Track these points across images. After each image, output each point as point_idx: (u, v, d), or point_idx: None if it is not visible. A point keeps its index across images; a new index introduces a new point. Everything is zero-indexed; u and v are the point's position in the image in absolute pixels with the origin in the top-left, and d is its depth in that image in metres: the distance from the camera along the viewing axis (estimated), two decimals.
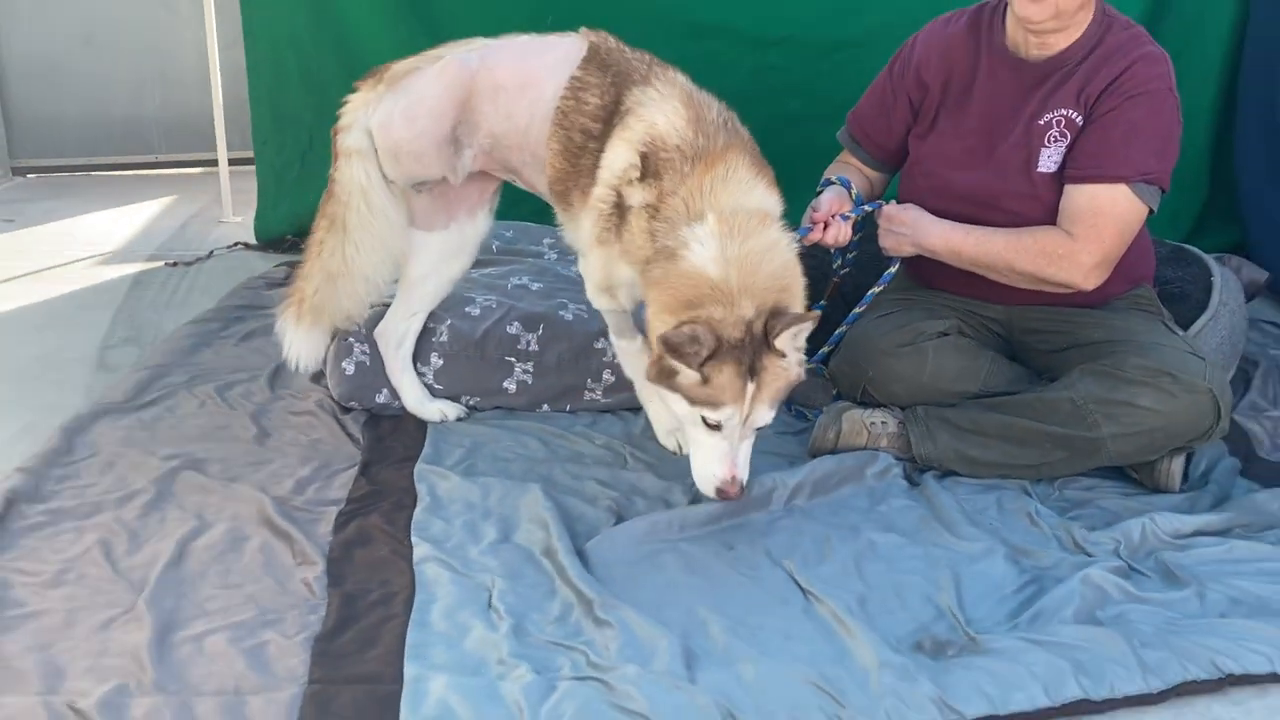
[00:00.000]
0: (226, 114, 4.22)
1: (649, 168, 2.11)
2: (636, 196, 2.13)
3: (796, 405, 2.68)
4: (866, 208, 2.45)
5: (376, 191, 2.36)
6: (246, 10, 3.77)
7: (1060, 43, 2.34)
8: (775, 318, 1.93)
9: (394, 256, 2.44)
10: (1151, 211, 2.31)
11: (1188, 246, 3.07)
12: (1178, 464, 2.28)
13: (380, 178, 2.36)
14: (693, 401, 1.97)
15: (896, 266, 2.48)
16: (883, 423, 2.40)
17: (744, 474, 2.00)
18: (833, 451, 2.38)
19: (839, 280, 2.63)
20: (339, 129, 2.39)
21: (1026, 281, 2.33)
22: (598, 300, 2.36)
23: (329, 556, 2.00)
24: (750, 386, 1.94)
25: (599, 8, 3.73)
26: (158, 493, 2.20)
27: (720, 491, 2.00)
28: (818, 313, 2.05)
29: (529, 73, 2.29)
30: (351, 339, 2.57)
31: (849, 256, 2.56)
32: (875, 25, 3.59)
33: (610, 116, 2.20)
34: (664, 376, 1.98)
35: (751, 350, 1.93)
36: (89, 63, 5.20)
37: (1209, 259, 2.94)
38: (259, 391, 2.69)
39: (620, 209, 2.16)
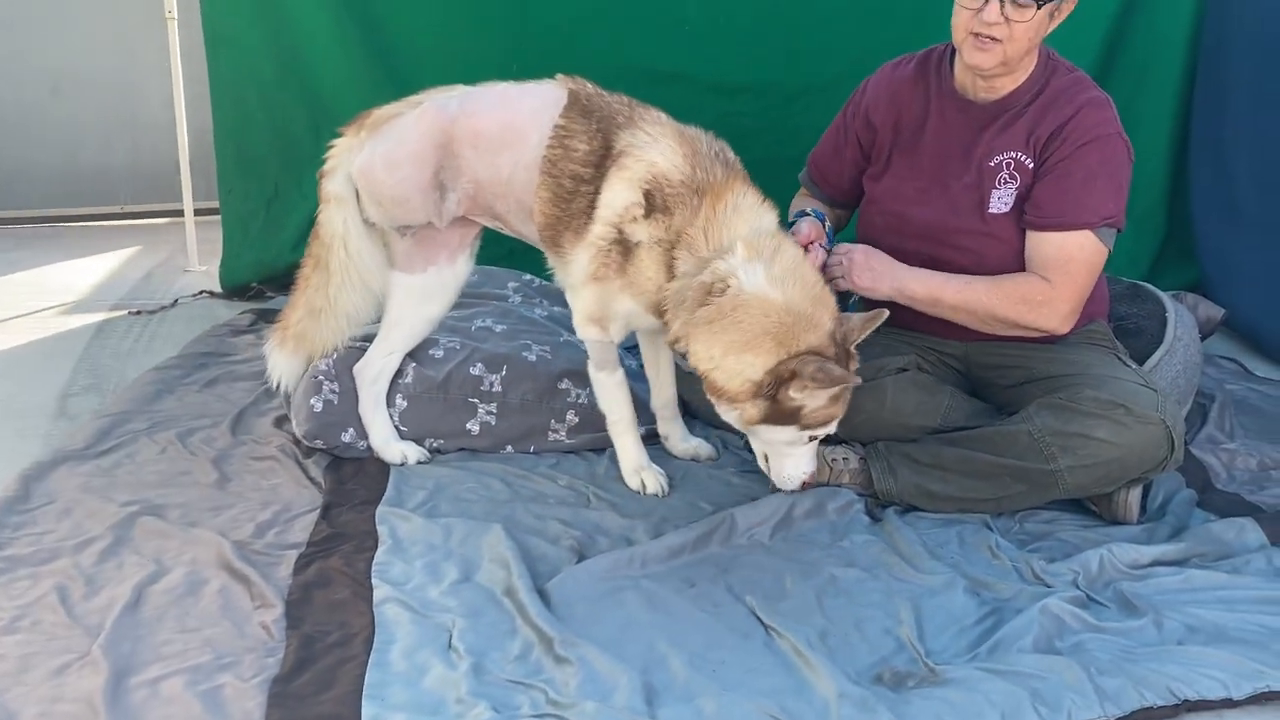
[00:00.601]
0: (193, 164, 4.22)
1: (655, 204, 2.19)
2: (643, 233, 2.21)
3: None
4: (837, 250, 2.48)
5: (355, 238, 2.45)
6: (212, 59, 3.80)
7: (1007, 86, 2.41)
8: (848, 324, 2.16)
9: (375, 296, 2.53)
10: (1109, 252, 2.38)
11: (1143, 284, 3.13)
12: (1135, 496, 2.31)
13: (359, 223, 2.44)
14: (807, 425, 2.14)
15: (853, 299, 2.52)
16: (844, 459, 2.41)
17: None
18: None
19: None
20: (323, 173, 2.47)
21: (1005, 328, 2.37)
22: (585, 331, 2.40)
23: (288, 599, 1.98)
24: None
25: (565, 56, 3.81)
26: (115, 539, 2.17)
27: (805, 483, 2.24)
28: (886, 311, 2.21)
29: (510, 121, 2.33)
30: (321, 377, 2.57)
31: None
32: (838, 71, 3.65)
33: (601, 160, 2.25)
34: (781, 415, 2.11)
35: (843, 359, 2.13)
36: (56, 113, 5.20)
37: (1164, 296, 2.99)
38: (221, 437, 2.67)
39: (622, 245, 2.23)
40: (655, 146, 2.23)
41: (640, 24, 3.87)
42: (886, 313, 2.20)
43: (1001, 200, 2.39)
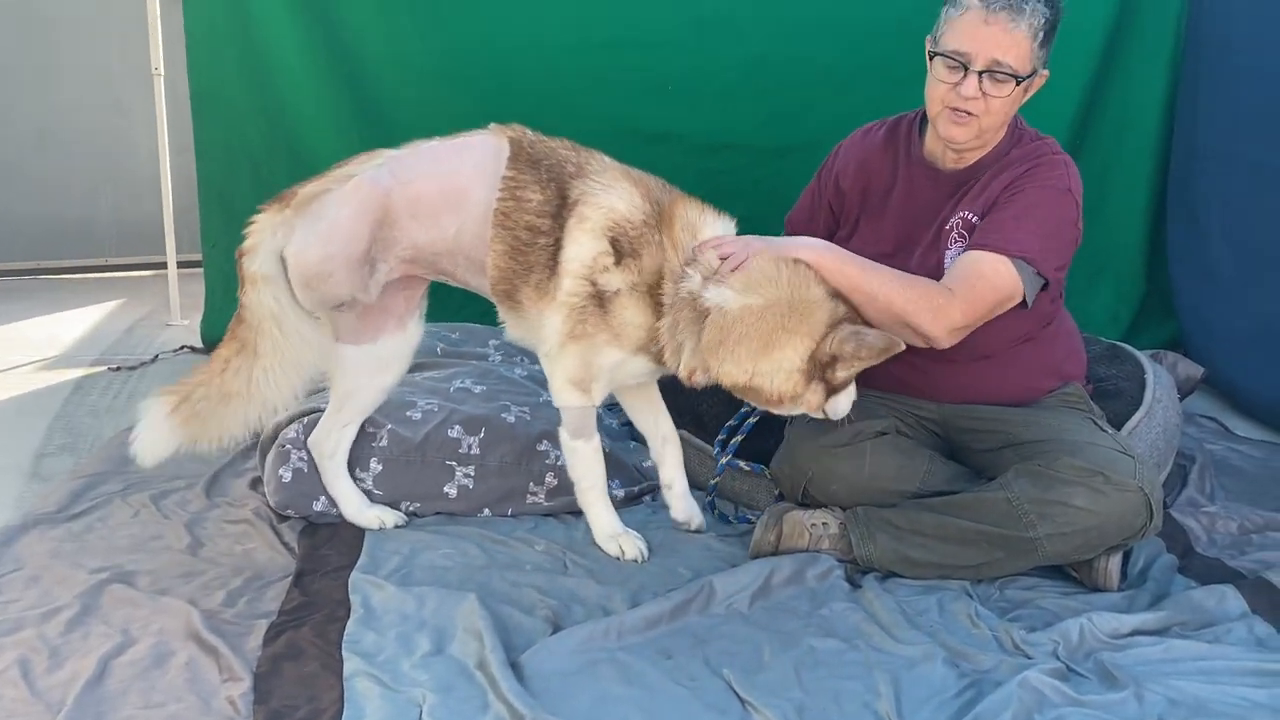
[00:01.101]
0: (177, 217, 4.23)
1: (623, 249, 2.19)
2: (618, 280, 2.20)
3: (741, 506, 2.68)
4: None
5: (290, 316, 2.28)
6: (198, 114, 3.82)
7: (977, 156, 2.44)
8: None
9: (306, 381, 2.37)
10: (1025, 304, 2.32)
11: (1121, 344, 3.15)
12: (1115, 562, 2.29)
13: (293, 301, 2.28)
14: (846, 384, 2.23)
15: None
16: (824, 524, 2.40)
17: None
18: (774, 553, 2.37)
19: None
20: (243, 252, 2.30)
21: (892, 322, 2.26)
22: (565, 396, 2.34)
23: (256, 672, 1.94)
24: None
25: (549, 115, 3.83)
26: (83, 607, 2.14)
27: None
28: None
29: (451, 179, 2.27)
30: (289, 446, 2.54)
31: None
32: (818, 132, 3.66)
33: (558, 210, 2.24)
34: (840, 387, 2.22)
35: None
36: (41, 166, 5.22)
37: (1143, 357, 3.00)
38: (195, 499, 2.64)
39: (598, 297, 2.21)
40: (611, 191, 2.23)
41: (624, 84, 3.91)
42: None
43: (951, 260, 2.39)
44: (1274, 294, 3.40)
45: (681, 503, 2.53)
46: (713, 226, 2.28)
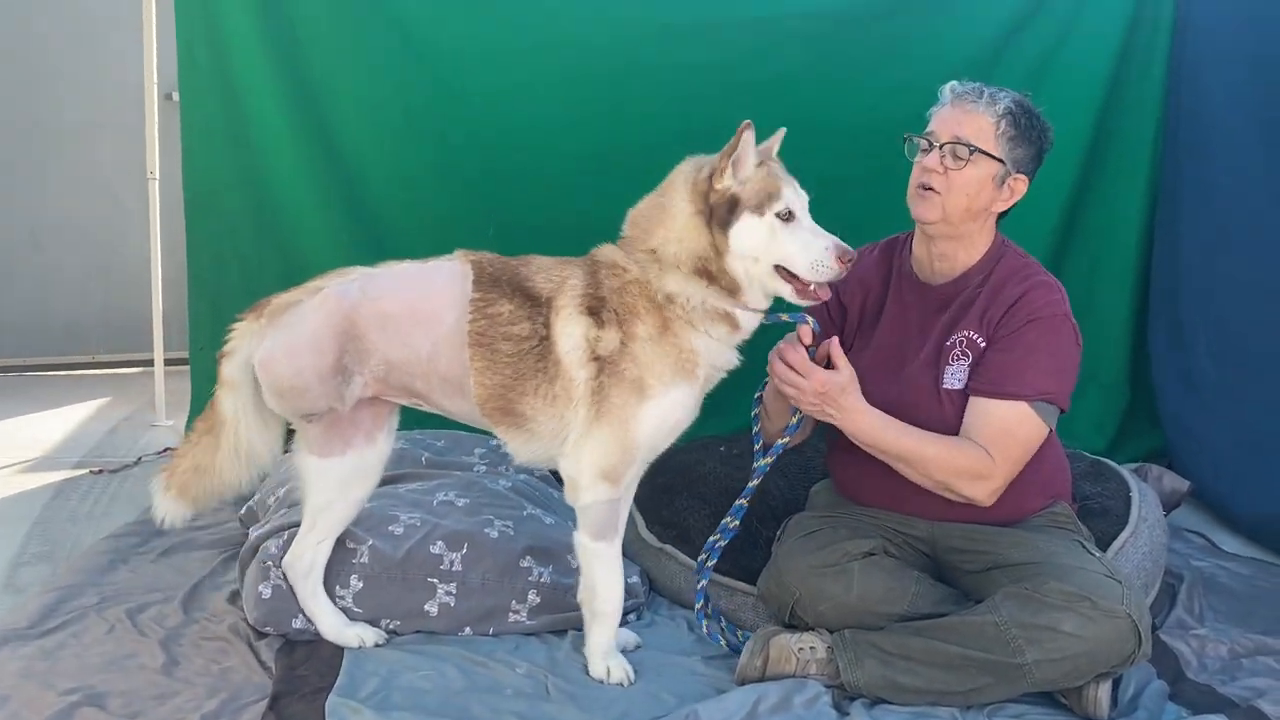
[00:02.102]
0: (167, 314, 4.24)
1: (600, 309, 2.26)
2: (611, 341, 2.25)
3: (727, 624, 2.64)
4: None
5: (245, 427, 2.39)
6: (191, 219, 3.85)
7: (959, 258, 2.50)
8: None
9: (258, 475, 2.48)
10: (1051, 430, 2.40)
11: (1105, 461, 3.15)
12: (1104, 690, 2.26)
13: (251, 411, 2.39)
14: (758, 204, 2.23)
15: (797, 418, 2.49)
16: (811, 648, 2.36)
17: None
18: (760, 679, 2.33)
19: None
20: (223, 354, 2.40)
21: (933, 486, 2.38)
22: (594, 491, 2.30)
23: None
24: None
25: (543, 218, 3.92)
26: None
27: (841, 259, 2.24)
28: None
29: (419, 300, 2.33)
30: (269, 563, 2.51)
31: (764, 464, 2.56)
32: None
33: (532, 314, 2.29)
34: (727, 212, 2.23)
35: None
36: (33, 263, 5.26)
37: (1127, 473, 3.01)
38: (172, 615, 2.60)
39: (609, 364, 2.26)
40: (561, 272, 2.33)
41: (613, 188, 3.92)
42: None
43: (955, 376, 2.44)
44: (1258, 407, 3.42)
45: None
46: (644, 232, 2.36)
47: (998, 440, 2.34)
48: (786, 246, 2.24)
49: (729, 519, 2.58)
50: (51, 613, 2.57)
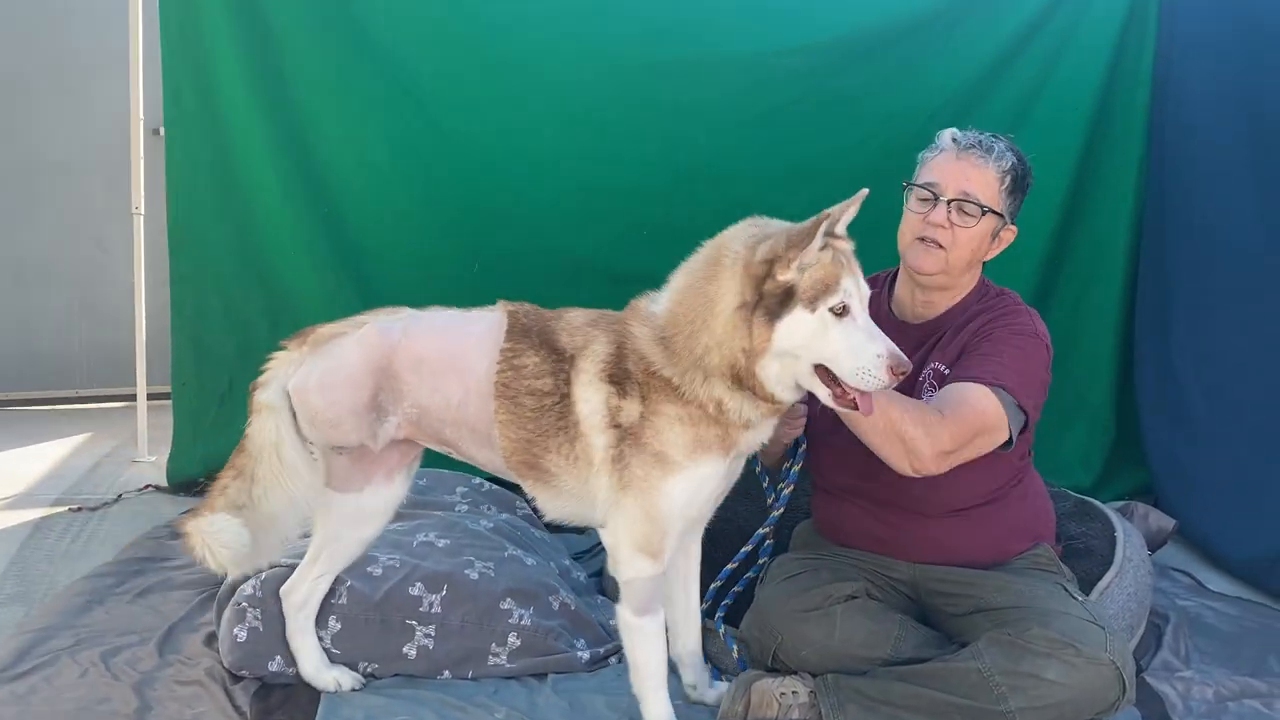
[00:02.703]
0: (150, 348, 4.22)
1: (621, 378, 2.14)
2: (633, 411, 2.14)
3: (713, 667, 2.61)
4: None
5: (289, 446, 2.30)
6: (175, 256, 3.84)
7: (944, 303, 2.49)
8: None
9: (300, 512, 2.36)
10: (1009, 441, 2.31)
11: (1090, 500, 3.13)
12: None
13: (294, 433, 2.31)
14: (812, 298, 2.01)
15: (799, 465, 2.49)
16: (794, 693, 2.33)
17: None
18: None
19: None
20: (257, 384, 2.36)
21: (885, 438, 2.22)
22: (635, 566, 2.16)
23: None
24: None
25: (527, 257, 3.92)
26: None
27: (891, 369, 2.00)
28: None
29: (454, 348, 2.29)
30: (244, 604, 2.48)
31: (785, 492, 2.57)
32: None
33: (556, 369, 2.22)
34: (777, 302, 2.01)
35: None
36: (17, 299, 5.23)
37: (1112, 513, 2.99)
38: (146, 657, 2.56)
39: (629, 432, 2.13)
40: (589, 332, 2.22)
41: (599, 226, 3.97)
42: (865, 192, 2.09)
43: None
44: (1245, 444, 3.41)
45: (712, 693, 2.46)
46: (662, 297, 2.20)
47: (949, 405, 2.27)
48: (834, 345, 2.01)
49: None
50: (24, 655, 2.53)
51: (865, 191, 2.07)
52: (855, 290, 2.04)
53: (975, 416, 2.26)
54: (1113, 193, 4.00)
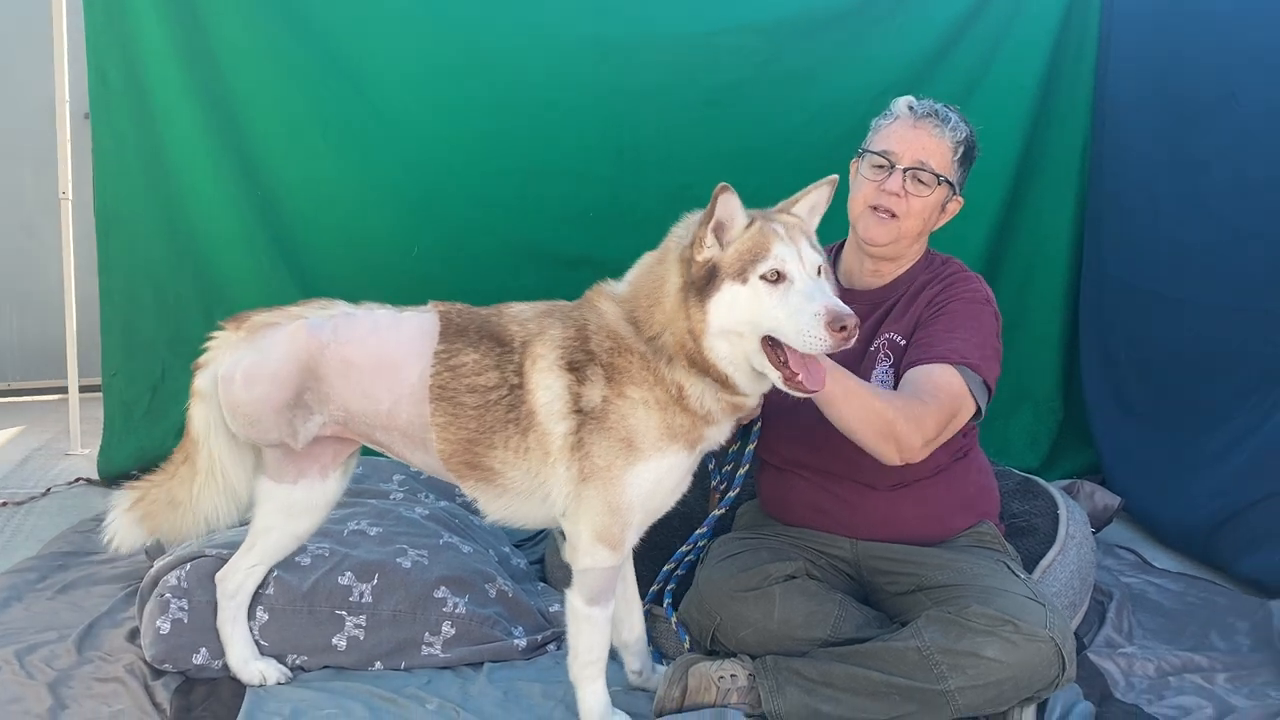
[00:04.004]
0: (83, 338, 4.09)
1: (583, 361, 2.09)
2: (595, 396, 2.09)
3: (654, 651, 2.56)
4: None
5: (216, 439, 2.28)
6: (103, 239, 3.73)
7: (891, 272, 2.48)
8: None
9: (239, 503, 2.32)
10: (979, 412, 2.31)
11: (1034, 478, 3.12)
12: (1029, 714, 2.21)
13: (221, 425, 2.26)
14: (740, 270, 1.98)
15: (754, 444, 2.45)
16: (732, 676, 2.29)
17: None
18: (679, 710, 2.25)
19: (718, 494, 2.56)
20: (198, 365, 2.29)
21: (873, 430, 2.19)
22: (595, 556, 2.12)
23: None
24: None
25: (469, 240, 3.85)
26: None
27: (844, 327, 1.91)
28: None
29: (383, 353, 2.21)
30: (169, 595, 2.40)
31: (725, 470, 2.53)
32: None
33: (500, 363, 2.15)
34: (708, 278, 1.99)
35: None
36: None
37: (1055, 491, 2.97)
38: (64, 655, 2.46)
39: (592, 417, 2.08)
40: (541, 321, 2.17)
41: (545, 210, 3.90)
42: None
43: (879, 379, 2.40)
44: (1181, 423, 3.42)
45: (655, 678, 2.40)
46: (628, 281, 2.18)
47: (927, 391, 2.25)
48: (773, 312, 1.96)
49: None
50: None
51: (834, 178, 2.14)
52: (791, 255, 1.99)
53: (950, 400, 2.27)
54: (1057, 176, 4.00)
